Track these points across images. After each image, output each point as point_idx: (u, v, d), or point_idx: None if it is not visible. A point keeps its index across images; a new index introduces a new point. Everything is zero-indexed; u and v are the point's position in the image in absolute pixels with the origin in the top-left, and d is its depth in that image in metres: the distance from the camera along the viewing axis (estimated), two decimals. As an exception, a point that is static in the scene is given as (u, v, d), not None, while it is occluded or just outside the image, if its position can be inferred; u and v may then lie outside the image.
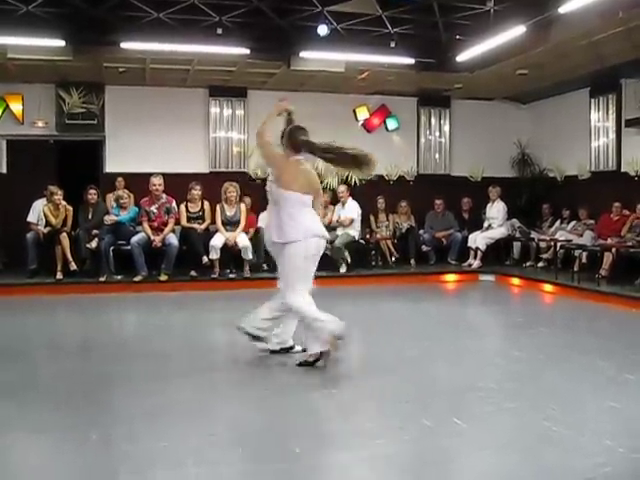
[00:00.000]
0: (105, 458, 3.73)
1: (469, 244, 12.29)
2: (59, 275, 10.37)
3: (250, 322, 5.82)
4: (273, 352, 5.97)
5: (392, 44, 10.45)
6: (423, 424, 4.19)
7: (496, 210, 12.43)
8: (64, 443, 3.94)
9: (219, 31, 9.86)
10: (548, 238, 11.68)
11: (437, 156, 13.93)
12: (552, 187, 12.93)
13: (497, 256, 12.37)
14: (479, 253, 12.09)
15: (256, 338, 5.87)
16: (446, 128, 13.93)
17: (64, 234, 10.47)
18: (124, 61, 10.71)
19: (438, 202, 12.81)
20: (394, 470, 3.61)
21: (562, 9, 8.36)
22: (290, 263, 5.58)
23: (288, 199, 5.58)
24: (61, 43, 9.60)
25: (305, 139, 5.77)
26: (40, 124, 12.04)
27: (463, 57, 10.51)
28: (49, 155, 12.30)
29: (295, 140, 5.77)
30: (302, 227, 5.55)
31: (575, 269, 10.47)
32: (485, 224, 12.44)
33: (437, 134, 13.93)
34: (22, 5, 9.16)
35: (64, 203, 10.81)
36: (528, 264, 12.19)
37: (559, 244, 11.11)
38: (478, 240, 12.14)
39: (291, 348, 6.02)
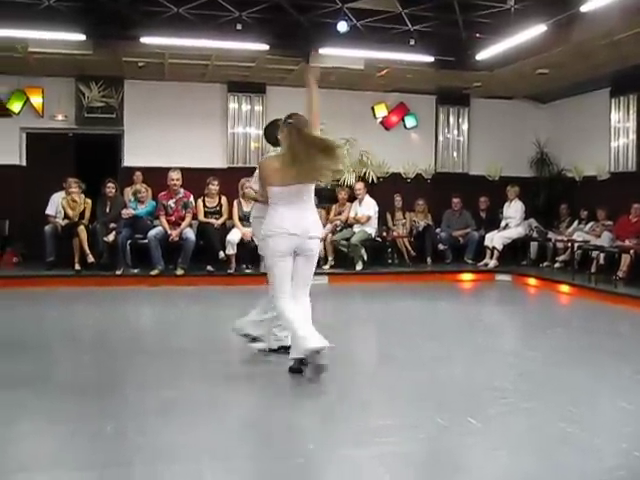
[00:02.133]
0: (119, 450, 3.75)
1: (486, 243, 12.23)
2: (77, 267, 10.45)
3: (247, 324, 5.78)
4: (272, 351, 5.89)
5: (412, 42, 10.42)
6: (438, 423, 4.18)
7: (514, 210, 12.37)
8: (79, 433, 3.96)
9: (239, 27, 9.87)
10: (565, 239, 11.60)
11: (455, 155, 13.88)
12: (570, 187, 12.84)
13: (514, 256, 12.30)
14: (496, 253, 12.03)
15: (254, 339, 5.83)
16: (465, 126, 13.88)
17: (82, 227, 10.55)
18: (143, 56, 10.76)
19: (455, 201, 12.75)
20: (408, 468, 3.60)
21: (584, 8, 8.30)
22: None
23: None
24: (81, 37, 9.65)
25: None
26: (60, 117, 12.12)
27: (483, 55, 10.47)
28: (68, 148, 12.38)
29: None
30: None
31: (592, 270, 10.40)
32: (502, 223, 12.37)
33: (455, 132, 13.88)
34: (44, -1, 9.23)
35: (82, 196, 10.90)
36: (545, 264, 12.12)
37: (576, 245, 11.04)
38: (495, 239, 12.09)
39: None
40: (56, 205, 10.93)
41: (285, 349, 5.71)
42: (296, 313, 5.16)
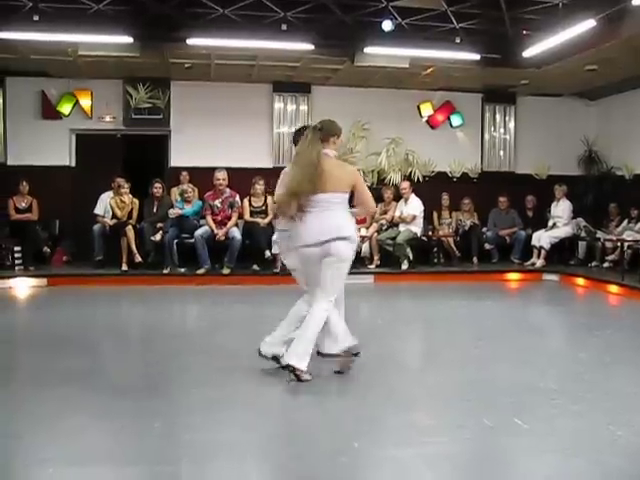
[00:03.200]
0: (167, 447, 3.80)
1: (533, 243, 12.08)
2: (124, 267, 10.63)
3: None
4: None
5: (457, 40, 10.33)
6: (484, 423, 4.14)
7: (561, 209, 12.19)
8: (128, 430, 4.02)
9: (284, 27, 9.90)
10: (615, 238, 11.37)
11: (502, 153, 13.74)
12: (620, 185, 12.58)
13: (561, 255, 12.12)
14: (543, 252, 11.87)
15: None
16: (511, 125, 13.73)
17: (129, 227, 10.72)
18: (190, 57, 10.88)
19: (502, 200, 12.62)
20: (453, 468, 3.57)
21: (635, 1, 8.13)
22: None
23: None
24: (129, 40, 9.80)
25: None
26: (108, 119, 12.33)
27: (530, 52, 10.32)
28: (116, 149, 12.58)
29: None
30: None
31: (643, 270, 10.19)
32: (550, 223, 12.20)
33: (502, 131, 13.74)
34: (93, 4, 9.40)
35: (130, 196, 11.06)
36: (593, 264, 11.90)
37: (626, 244, 10.82)
38: (542, 239, 11.93)
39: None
40: (104, 205, 11.12)
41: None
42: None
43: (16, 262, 10.78)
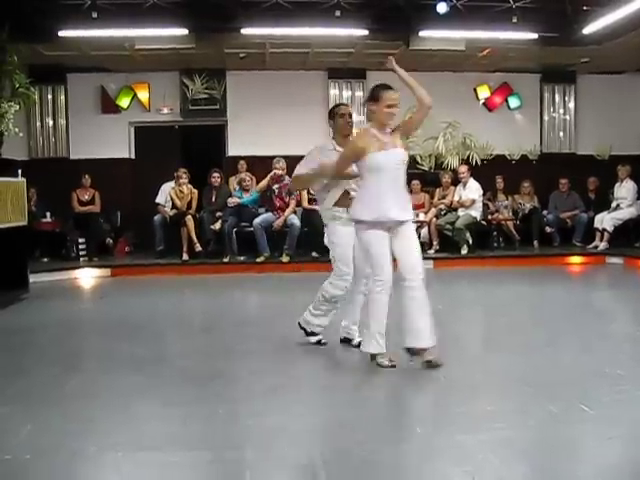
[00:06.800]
0: (232, 432, 3.85)
1: (595, 225, 11.83)
2: (185, 256, 10.79)
3: None
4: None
5: (514, 19, 10.15)
6: (548, 409, 4.07)
7: (625, 190, 11.89)
8: (193, 416, 4.09)
9: (337, 13, 9.89)
10: (683, 219, 11.05)
11: (561, 134, 13.48)
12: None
13: (626, 238, 11.83)
14: (606, 235, 11.61)
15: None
16: (571, 105, 13.44)
17: (189, 216, 10.87)
18: (244, 46, 10.96)
19: (563, 182, 12.38)
20: (517, 455, 3.52)
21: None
22: None
23: None
24: (184, 32, 9.92)
25: None
26: (165, 111, 12.52)
27: (590, 29, 10.06)
28: (174, 140, 12.77)
29: None
30: None
31: None
32: (613, 204, 11.92)
33: (561, 111, 13.47)
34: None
35: (189, 186, 11.21)
36: (660, 247, 11.60)
37: (695, 225, 10.51)
38: (605, 221, 11.66)
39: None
40: (165, 194, 11.31)
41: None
42: None
43: (80, 253, 11.08)
